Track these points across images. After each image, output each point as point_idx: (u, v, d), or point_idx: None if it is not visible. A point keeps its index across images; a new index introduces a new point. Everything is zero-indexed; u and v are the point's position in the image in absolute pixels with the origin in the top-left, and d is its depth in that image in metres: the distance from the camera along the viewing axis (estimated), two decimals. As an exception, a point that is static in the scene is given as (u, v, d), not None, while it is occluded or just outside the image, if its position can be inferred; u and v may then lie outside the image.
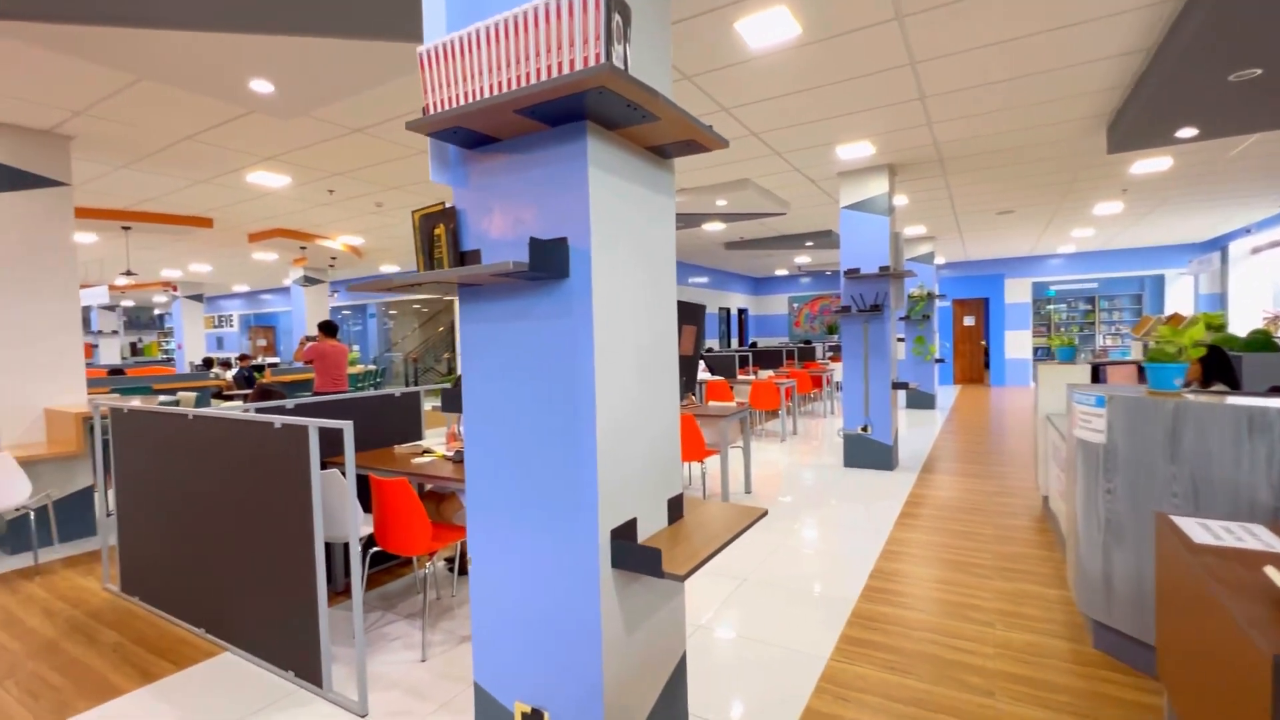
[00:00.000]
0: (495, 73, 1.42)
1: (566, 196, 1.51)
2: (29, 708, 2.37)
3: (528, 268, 1.39)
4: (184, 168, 5.41)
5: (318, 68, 3.20)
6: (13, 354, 4.28)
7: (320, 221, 7.85)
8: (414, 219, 1.78)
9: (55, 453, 4.14)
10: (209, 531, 2.82)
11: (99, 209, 6.52)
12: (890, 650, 2.63)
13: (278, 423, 2.44)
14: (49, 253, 4.44)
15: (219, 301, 19.96)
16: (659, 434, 1.77)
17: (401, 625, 2.98)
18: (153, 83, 3.63)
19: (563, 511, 1.56)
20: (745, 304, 17.50)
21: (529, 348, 1.60)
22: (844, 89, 4.08)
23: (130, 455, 3.28)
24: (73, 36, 2.92)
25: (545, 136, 1.54)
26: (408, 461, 3.18)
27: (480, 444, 1.72)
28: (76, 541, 4.30)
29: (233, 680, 2.52)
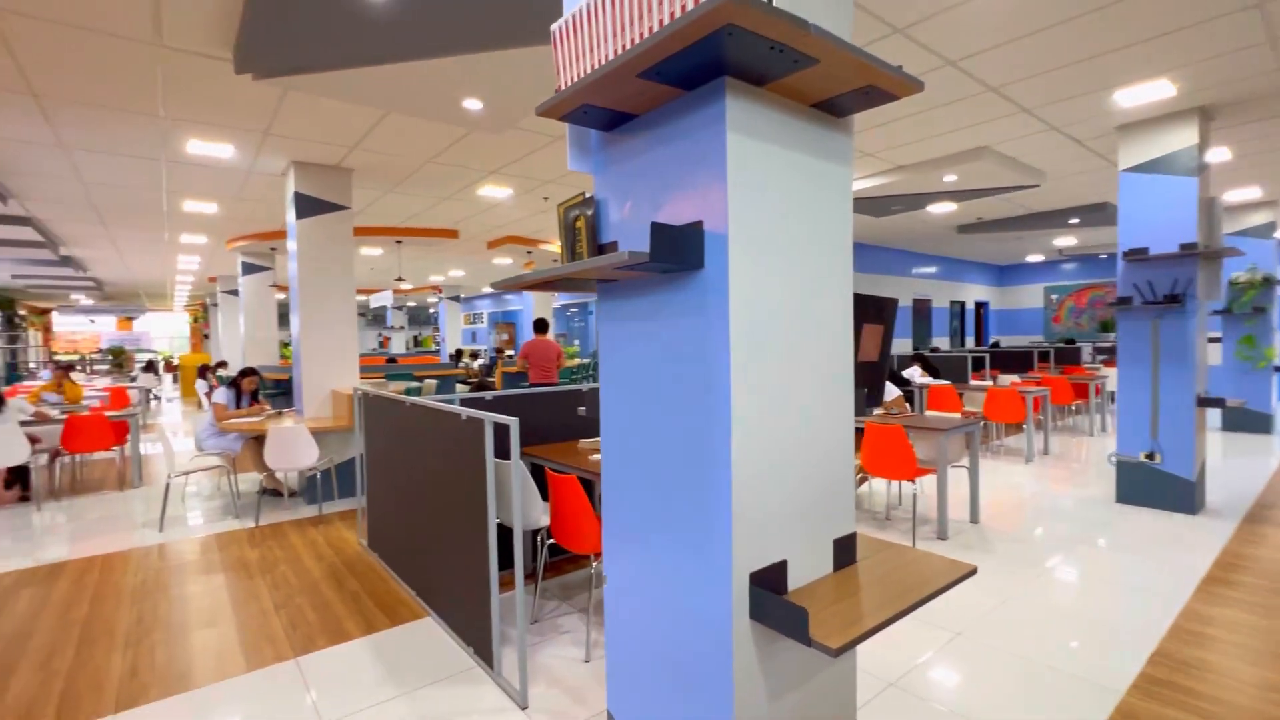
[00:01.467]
0: (619, 36, 1.24)
1: (701, 172, 1.27)
2: (288, 635, 2.88)
3: (648, 258, 1.19)
4: (431, 187, 6.31)
5: (515, 79, 3.39)
6: (313, 345, 5.41)
7: (540, 228, 8.61)
8: (559, 212, 1.70)
9: (337, 426, 5.11)
10: (420, 506, 3.17)
11: (377, 227, 8.00)
12: (1178, 778, 1.88)
13: (463, 415, 2.61)
14: (336, 264, 5.50)
15: (473, 301, 23.45)
16: (822, 458, 1.43)
17: (574, 619, 3.02)
18: (396, 114, 4.24)
19: (693, 544, 1.33)
20: (985, 296, 15.06)
21: (659, 350, 1.40)
22: (1129, 8, 3.10)
23: (374, 432, 3.86)
24: (339, 82, 3.49)
25: (681, 104, 1.32)
26: (586, 457, 3.22)
27: (614, 455, 1.57)
28: (349, 500, 5.28)
29: (430, 644, 2.78)
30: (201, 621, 3.05)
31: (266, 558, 3.94)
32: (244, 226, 8.17)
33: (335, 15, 2.77)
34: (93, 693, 2.44)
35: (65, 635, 2.93)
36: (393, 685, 2.46)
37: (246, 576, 3.62)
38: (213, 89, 3.79)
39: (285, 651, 2.74)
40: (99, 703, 2.38)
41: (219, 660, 2.68)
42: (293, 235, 5.44)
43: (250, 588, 3.45)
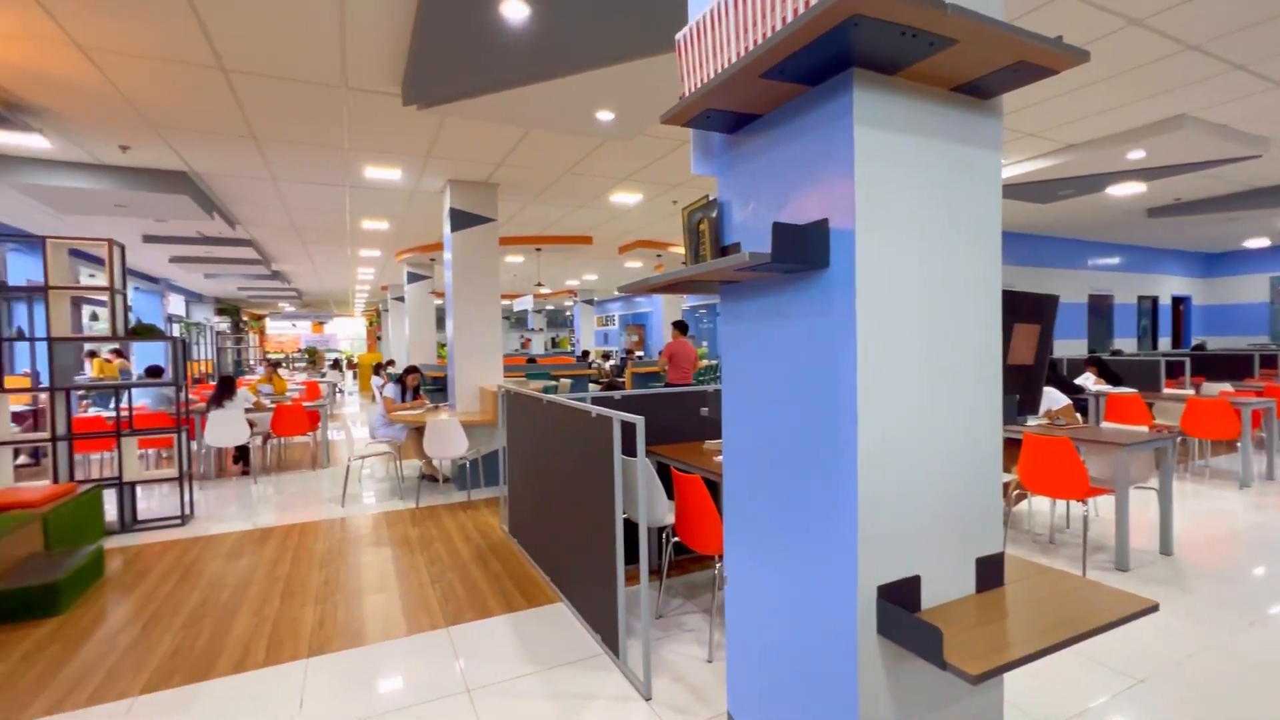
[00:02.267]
0: (740, 39, 1.24)
1: (826, 169, 1.23)
2: (440, 607, 3.21)
3: (769, 259, 1.18)
4: (568, 196, 6.68)
5: (642, 88, 3.49)
6: (463, 345, 5.96)
7: (669, 231, 8.75)
8: (683, 215, 1.73)
9: (483, 420, 5.59)
10: (555, 497, 3.38)
11: (519, 236, 8.61)
12: None
13: (593, 412, 2.74)
14: (483, 271, 6.02)
15: (605, 305, 24.35)
16: (964, 469, 1.32)
17: (698, 619, 3.05)
18: (536, 131, 4.54)
19: (817, 552, 1.30)
20: (1185, 290, 12.80)
21: (781, 352, 1.38)
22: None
23: (515, 426, 4.17)
24: (488, 105, 3.83)
25: (805, 101, 1.29)
26: (710, 458, 3.23)
27: (736, 457, 1.57)
28: (493, 488, 5.74)
29: (562, 628, 2.95)
30: (372, 587, 3.49)
31: (424, 536, 4.40)
32: (409, 240, 9.20)
33: (485, 45, 3.04)
34: (291, 638, 2.90)
35: (273, 588, 3.50)
36: (528, 662, 2.64)
37: (408, 552, 4.08)
38: (385, 121, 4.33)
39: (439, 621, 3.05)
40: (296, 647, 2.81)
41: (385, 622, 3.05)
42: (448, 247, 6.03)
43: (411, 562, 3.89)
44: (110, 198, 5.48)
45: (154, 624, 3.06)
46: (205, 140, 4.66)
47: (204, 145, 4.77)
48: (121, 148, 4.77)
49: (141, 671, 2.62)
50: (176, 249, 9.06)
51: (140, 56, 3.31)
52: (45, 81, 3.59)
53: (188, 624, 3.06)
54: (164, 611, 3.20)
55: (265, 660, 2.70)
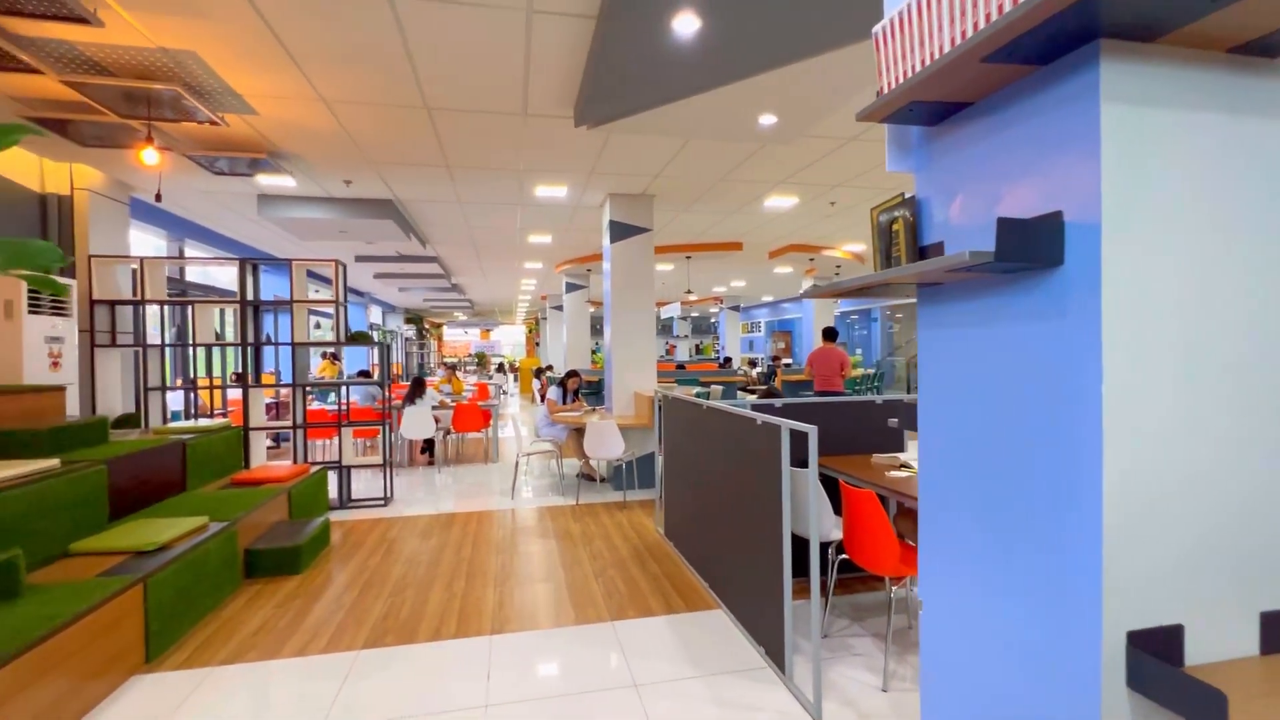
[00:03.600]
0: (956, 23, 1.15)
1: (1061, 155, 1.10)
2: (604, 601, 3.35)
3: (993, 257, 1.07)
4: (720, 204, 6.69)
5: (807, 88, 3.39)
6: (621, 352, 6.20)
7: (824, 233, 8.41)
8: (872, 216, 1.65)
9: (638, 423, 5.77)
10: (714, 503, 3.38)
11: (671, 245, 8.79)
12: None
13: (759, 420, 2.71)
14: (639, 280, 6.22)
15: (751, 311, 24.00)
16: (1246, 503, 1.10)
17: (866, 642, 2.87)
18: (695, 141, 4.61)
19: (1046, 590, 1.15)
20: None
21: (997, 359, 1.25)
22: None
23: (672, 431, 4.25)
24: (653, 119, 3.96)
25: (1030, 83, 1.16)
26: (882, 474, 3.04)
27: (934, 473, 1.45)
28: (647, 489, 5.90)
29: (721, 635, 2.94)
30: (542, 576, 3.75)
31: (585, 531, 4.64)
32: (569, 252, 9.81)
33: (656, 61, 3.15)
34: (477, 615, 3.20)
35: (459, 568, 3.90)
36: (691, 665, 2.67)
37: (571, 545, 4.33)
38: (556, 142, 4.66)
39: (604, 614, 3.19)
40: (480, 624, 3.10)
41: (556, 610, 3.25)
42: (607, 258, 6.33)
43: (575, 555, 4.12)
44: (336, 225, 6.51)
45: (368, 590, 3.55)
46: (408, 171, 5.35)
47: (407, 176, 5.49)
48: (345, 182, 5.64)
49: (361, 629, 3.05)
50: (379, 266, 10.51)
51: (367, 103, 3.89)
52: (299, 131, 4.36)
53: (394, 592, 3.51)
54: (375, 580, 3.70)
55: (457, 632, 3.01)
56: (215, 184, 5.59)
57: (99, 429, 3.93)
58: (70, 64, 3.25)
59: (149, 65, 3.31)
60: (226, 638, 2.97)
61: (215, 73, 3.44)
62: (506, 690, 2.50)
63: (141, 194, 5.76)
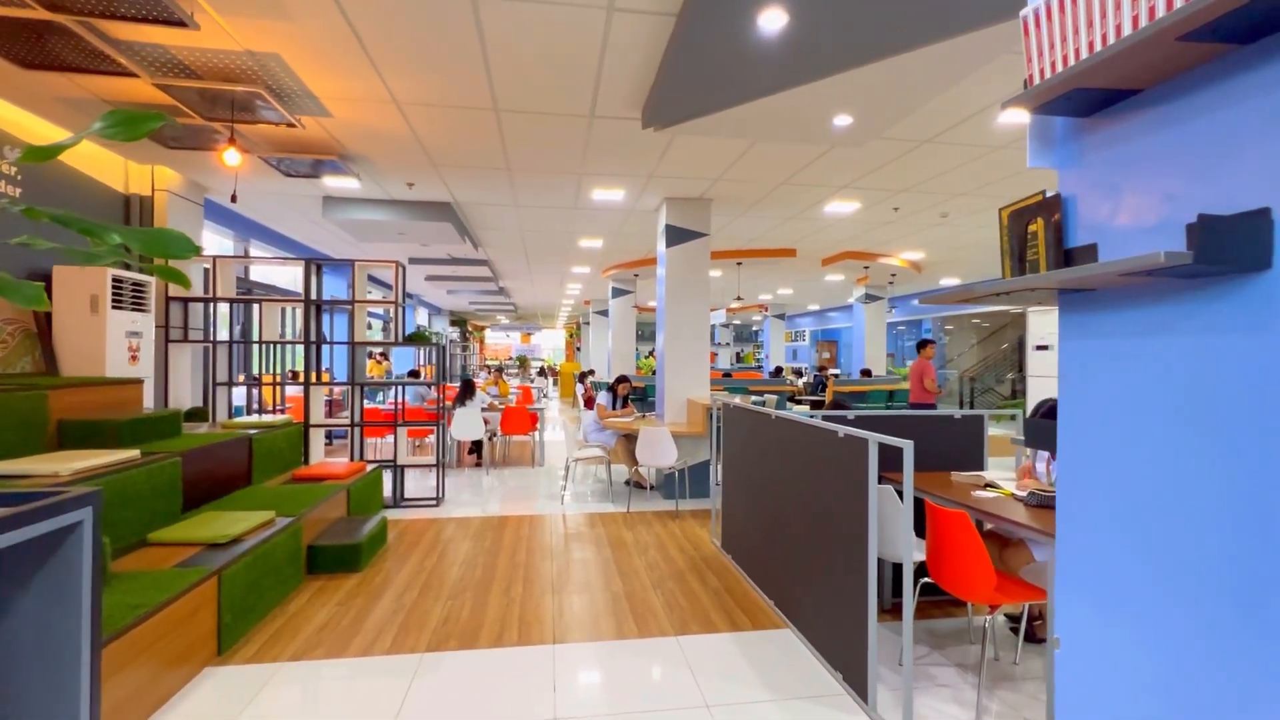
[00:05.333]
0: (1137, 2, 1.03)
1: (1272, 145, 0.97)
2: (665, 614, 3.26)
3: (1190, 259, 0.95)
4: (778, 209, 6.55)
5: (891, 86, 3.25)
6: (674, 358, 6.12)
7: (882, 240, 8.16)
8: (1001, 217, 1.52)
9: (691, 431, 5.67)
10: (781, 517, 3.25)
11: (724, 250, 8.66)
12: None
13: (840, 433, 2.58)
14: (695, 286, 6.13)
15: (795, 319, 23.61)
16: None
17: (949, 672, 2.69)
18: (760, 144, 4.51)
19: (1232, 641, 1.01)
20: None
21: (1179, 376, 1.11)
22: None
23: (731, 440, 4.14)
24: (722, 120, 3.87)
25: (1223, 66, 1.03)
26: (967, 493, 2.86)
27: (1078, 500, 1.31)
28: (699, 499, 5.78)
29: (792, 656, 2.81)
30: (599, 585, 3.67)
31: (639, 540, 4.56)
32: (618, 257, 9.79)
33: (734, 60, 3.07)
34: (537, 622, 3.15)
35: (515, 573, 3.86)
36: (763, 688, 2.54)
37: (626, 554, 4.25)
38: (619, 144, 4.62)
39: (666, 628, 3.10)
40: (542, 632, 3.04)
41: (616, 621, 3.17)
42: (662, 263, 6.26)
43: (631, 564, 4.03)
44: (395, 227, 6.62)
45: (427, 591, 3.54)
46: (469, 174, 5.40)
47: (468, 178, 5.54)
48: (408, 184, 5.73)
49: (424, 632, 3.02)
50: (431, 269, 10.71)
51: (438, 105, 3.92)
52: (369, 133, 4.44)
53: (452, 595, 3.49)
54: (433, 582, 3.69)
55: (519, 639, 2.96)
56: (284, 185, 5.75)
57: (173, 422, 4.06)
58: (163, 67, 3.37)
59: (235, 68, 3.41)
60: (293, 633, 2.99)
61: (296, 75, 3.51)
62: (575, 703, 2.43)
63: (214, 195, 5.97)
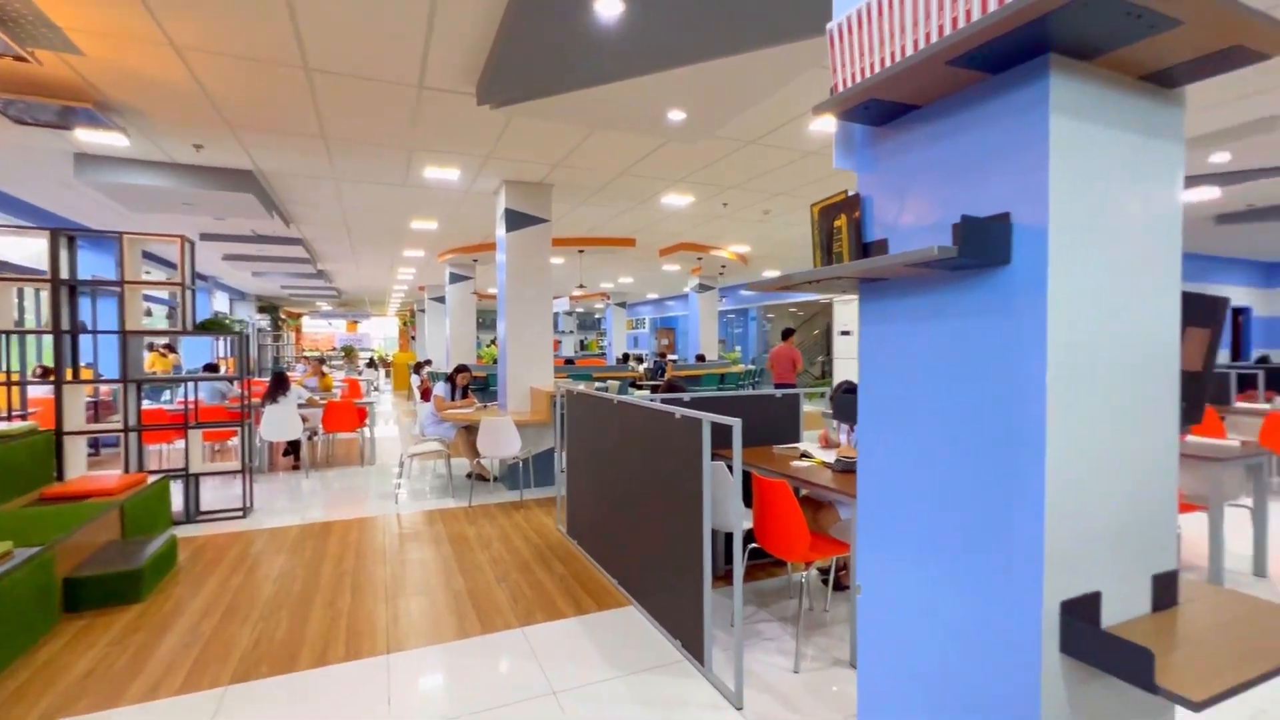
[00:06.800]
0: (921, 25, 1.19)
1: (1013, 160, 1.17)
2: (510, 607, 3.19)
3: (955, 253, 1.12)
4: (618, 198, 6.67)
5: (719, 88, 3.45)
6: (516, 346, 5.97)
7: (714, 233, 8.70)
8: (812, 213, 1.68)
9: (535, 420, 5.59)
10: (624, 499, 3.34)
11: (566, 238, 8.63)
12: None
13: (677, 414, 2.70)
14: (536, 272, 6.03)
15: (636, 307, 24.36)
16: (1144, 481, 1.25)
17: (774, 627, 2.98)
18: (600, 131, 4.54)
19: (990, 567, 1.23)
20: (1245, 300, 12.31)
21: (947, 353, 1.32)
22: None
23: (575, 426, 4.15)
24: (560, 104, 3.82)
25: (981, 89, 1.23)
26: (786, 464, 3.17)
27: (877, 464, 1.51)
28: (546, 488, 5.73)
29: (636, 632, 2.91)
30: (440, 584, 3.49)
31: (482, 535, 4.41)
32: (455, 241, 9.29)
33: (571, 44, 3.03)
34: (369, 634, 2.90)
35: (341, 582, 3.52)
36: (609, 666, 2.60)
37: (469, 549, 4.08)
38: (453, 121, 4.36)
39: (511, 621, 3.03)
40: (375, 643, 2.82)
41: (459, 620, 3.04)
42: (502, 248, 6.06)
43: (473, 560, 3.89)
44: (180, 196, 5.62)
45: (232, 615, 3.09)
46: (276, 139, 4.74)
47: (274, 144, 4.87)
48: (196, 146, 4.89)
49: (228, 661, 2.64)
50: (231, 247, 9.29)
51: (230, 55, 3.37)
52: (138, 80, 3.68)
53: (265, 615, 3.09)
54: (240, 603, 3.24)
55: (347, 654, 2.71)
56: (19, 136, 4.59)
57: None
58: None
59: (-74, -25, 2.62)
60: (43, 688, 2.43)
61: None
62: (412, 713, 2.28)
63: (-96, 141, 4.59)
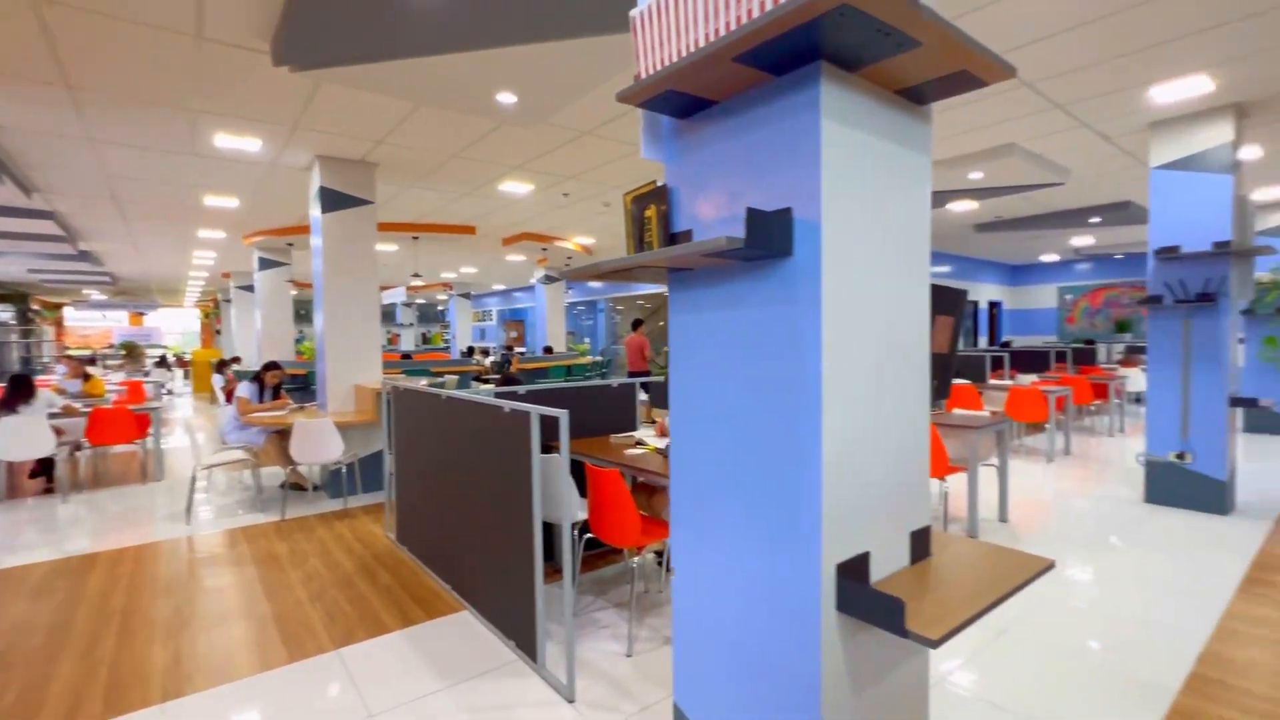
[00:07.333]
0: (712, 19, 1.22)
1: (793, 159, 1.25)
2: (327, 627, 2.88)
3: (743, 244, 1.17)
4: (453, 183, 6.32)
5: (551, 73, 3.38)
6: (336, 340, 5.41)
7: (558, 224, 8.61)
8: (625, 201, 1.69)
9: (361, 420, 5.12)
10: (456, 499, 3.17)
11: (396, 223, 8.01)
12: (1243, 778, 1.86)
13: (506, 408, 2.61)
14: (359, 259, 5.51)
15: (482, 299, 23.49)
16: (903, 450, 1.42)
17: (611, 614, 3.01)
18: (428, 108, 4.24)
19: (778, 535, 1.32)
20: (998, 296, 14.99)
21: (742, 339, 1.39)
22: (1172, 4, 3.06)
23: (404, 425, 3.86)
24: (376, 74, 3.48)
25: (769, 90, 1.30)
26: (621, 452, 3.21)
27: (686, 447, 1.55)
28: (375, 493, 5.28)
29: (469, 637, 2.78)
30: (239, 613, 3.05)
31: (296, 551, 3.94)
32: (263, 221, 8.19)
33: (380, 5, 2.76)
34: (138, 682, 2.45)
35: (105, 625, 2.93)
36: (436, 678, 2.45)
37: (279, 569, 3.63)
38: (246, 82, 3.79)
39: (325, 644, 2.74)
40: (145, 692, 2.38)
41: (261, 651, 2.68)
42: (316, 231, 5.45)
43: (284, 580, 3.46)
44: None
45: (-65, 684, 2.43)
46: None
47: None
48: None
49: (-77, 746, 2.07)
50: (-58, 218, 7.32)
51: (-93, -33, 2.60)
52: None
53: (-13, 679, 2.47)
54: (-51, 667, 2.56)
55: (105, 711, 2.25)
56: None
57: None
58: None
59: None
60: None
61: None
62: (191, 769, 1.96)
63: None
